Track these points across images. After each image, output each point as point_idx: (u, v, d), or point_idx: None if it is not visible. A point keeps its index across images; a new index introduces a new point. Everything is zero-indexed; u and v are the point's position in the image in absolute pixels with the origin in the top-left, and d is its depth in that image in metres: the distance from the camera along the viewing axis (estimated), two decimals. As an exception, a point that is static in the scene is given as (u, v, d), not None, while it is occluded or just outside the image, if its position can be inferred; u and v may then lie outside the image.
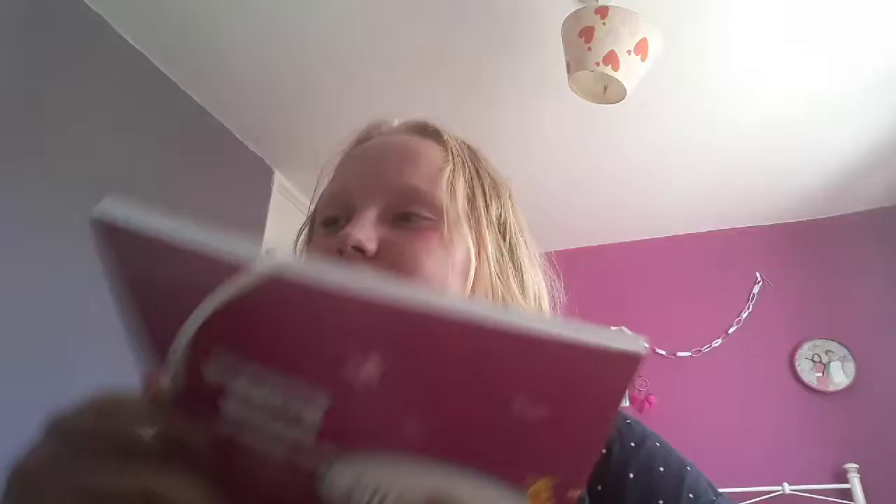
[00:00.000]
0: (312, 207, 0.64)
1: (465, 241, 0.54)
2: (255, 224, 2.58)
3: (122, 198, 0.32)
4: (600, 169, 2.79)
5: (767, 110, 2.40)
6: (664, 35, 1.80)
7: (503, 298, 0.56)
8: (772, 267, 3.19)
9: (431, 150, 0.58)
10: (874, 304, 2.98)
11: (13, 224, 1.64)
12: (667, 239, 3.38)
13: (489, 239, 0.56)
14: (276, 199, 2.74)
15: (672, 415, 3.08)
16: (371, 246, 0.51)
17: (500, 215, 0.60)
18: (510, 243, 0.60)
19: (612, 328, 0.29)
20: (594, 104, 1.95)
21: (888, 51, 2.09)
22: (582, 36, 1.74)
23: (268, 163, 2.71)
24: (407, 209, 0.54)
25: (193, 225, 0.30)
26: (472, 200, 0.57)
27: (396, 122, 0.66)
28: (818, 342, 3.02)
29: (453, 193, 0.55)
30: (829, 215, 3.17)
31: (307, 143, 2.56)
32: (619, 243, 3.45)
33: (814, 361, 3.01)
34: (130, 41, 2.07)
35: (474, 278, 0.54)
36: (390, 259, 0.51)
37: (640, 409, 3.13)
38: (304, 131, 2.51)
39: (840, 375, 2.96)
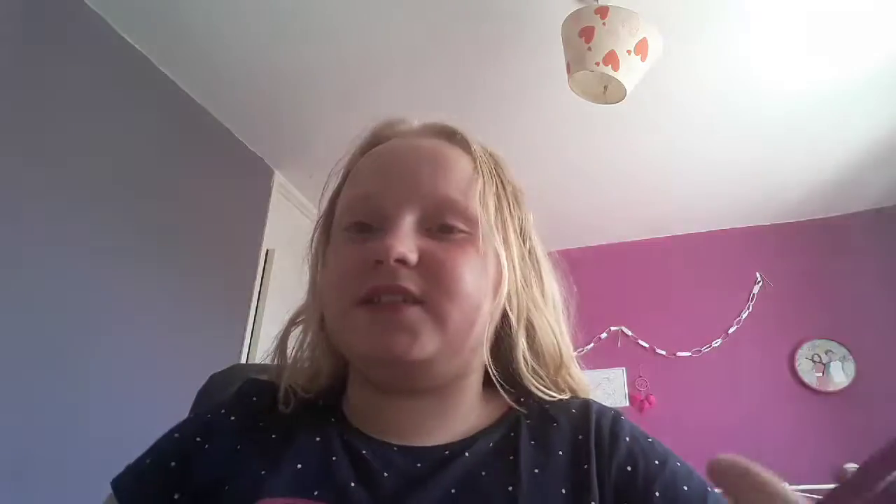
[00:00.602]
0: (324, 206, 0.63)
1: (496, 253, 0.54)
2: (255, 224, 2.58)
3: None
4: (599, 170, 2.79)
5: (767, 110, 2.40)
6: (664, 35, 1.80)
7: (527, 306, 0.58)
8: (772, 267, 3.19)
9: (462, 160, 0.58)
10: (874, 304, 2.98)
11: (13, 224, 1.64)
12: (667, 239, 3.38)
13: (515, 249, 0.57)
14: (276, 199, 2.74)
15: (672, 415, 3.08)
16: (413, 258, 0.50)
17: (522, 224, 0.61)
18: (530, 251, 0.61)
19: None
20: (594, 104, 1.95)
21: (888, 51, 2.09)
22: (582, 36, 1.74)
23: (268, 163, 2.71)
24: (444, 221, 0.53)
25: None
26: (499, 211, 0.58)
27: (417, 123, 0.64)
28: (818, 342, 3.02)
29: (486, 206, 0.55)
30: (829, 215, 3.17)
31: (307, 143, 2.56)
32: (619, 243, 3.45)
33: (814, 361, 3.01)
34: (130, 41, 2.07)
35: (499, 284, 0.55)
36: (432, 271, 0.51)
37: (640, 409, 3.13)
38: (304, 131, 2.51)
39: (840, 375, 2.96)
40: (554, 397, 0.57)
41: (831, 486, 0.29)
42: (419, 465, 0.51)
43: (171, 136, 2.23)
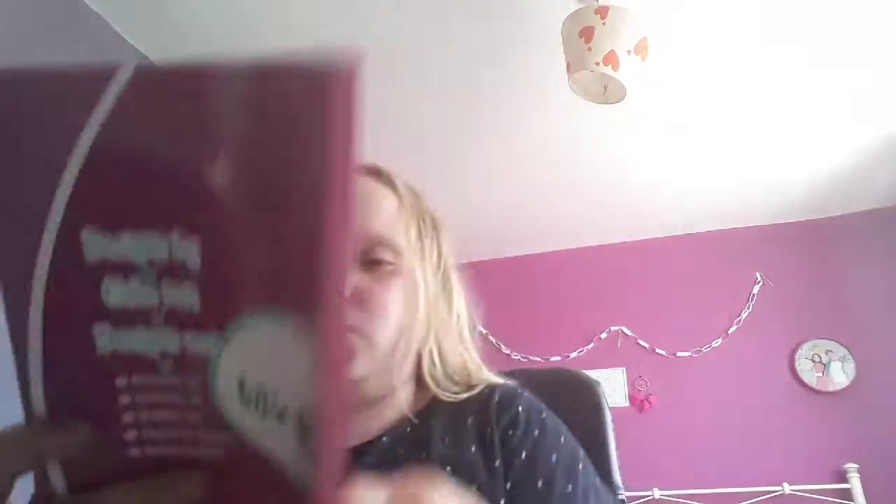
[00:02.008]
0: None
1: (414, 280, 0.64)
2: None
3: None
4: (599, 170, 2.79)
5: (767, 110, 2.40)
6: (664, 35, 1.80)
7: (439, 321, 0.67)
8: (772, 267, 3.19)
9: (388, 198, 0.66)
10: (874, 304, 2.98)
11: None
12: (667, 239, 3.38)
13: (430, 276, 0.67)
14: (276, 199, 2.74)
15: (672, 415, 3.08)
16: (346, 291, 0.56)
17: (439, 251, 0.70)
18: (444, 274, 0.70)
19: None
20: (594, 104, 1.95)
21: (888, 51, 2.09)
22: (582, 36, 1.74)
23: (268, 163, 2.71)
24: (373, 255, 0.62)
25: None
26: (420, 241, 0.67)
27: None
28: (818, 342, 3.03)
29: (408, 238, 0.64)
30: (829, 215, 3.17)
31: (307, 143, 2.55)
32: (619, 243, 3.45)
33: (814, 361, 3.02)
34: (130, 41, 2.07)
35: (422, 307, 0.64)
36: (364, 303, 0.59)
37: (641, 409, 3.14)
38: (304, 131, 2.51)
39: (840, 375, 2.96)
40: (458, 396, 0.65)
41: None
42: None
43: (171, 136, 2.23)
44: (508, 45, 2.08)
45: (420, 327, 0.65)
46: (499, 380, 0.68)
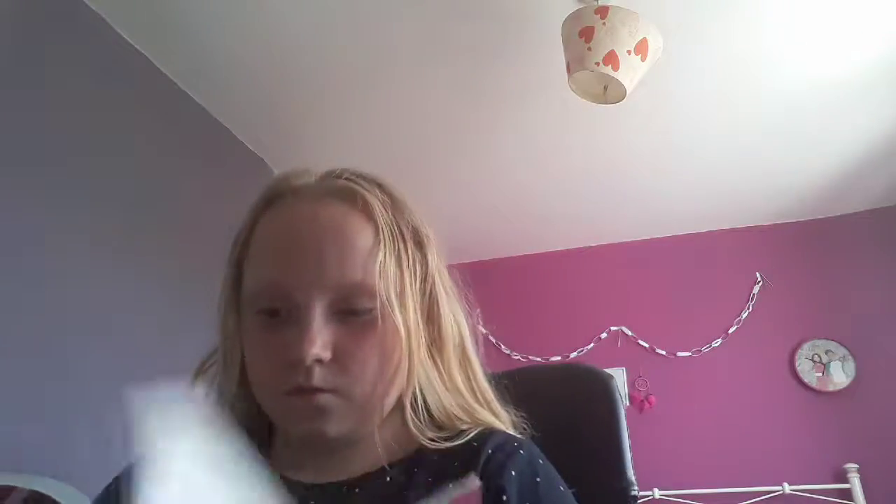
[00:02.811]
0: (235, 261, 0.66)
1: (396, 323, 0.59)
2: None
3: None
4: (599, 169, 2.79)
5: (767, 111, 2.40)
6: (664, 35, 1.80)
7: (422, 356, 0.62)
8: (772, 267, 3.19)
9: (363, 231, 0.60)
10: (874, 304, 2.98)
11: (13, 224, 1.64)
12: (667, 239, 3.38)
13: (411, 306, 0.60)
14: (276, 199, 2.74)
15: (672, 415, 3.08)
16: (328, 355, 0.56)
17: (425, 270, 0.64)
18: (430, 296, 0.64)
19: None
20: (594, 104, 1.95)
21: (888, 50, 2.09)
22: (582, 36, 1.74)
23: (268, 163, 2.71)
24: (351, 306, 0.58)
25: None
26: (400, 276, 0.60)
27: (315, 178, 0.66)
28: (818, 342, 3.03)
29: (386, 278, 0.59)
30: (829, 215, 3.17)
31: (307, 143, 2.56)
32: (619, 243, 3.45)
33: (814, 361, 3.02)
34: (130, 41, 2.07)
35: (402, 351, 0.59)
36: (343, 363, 0.57)
37: (640, 410, 3.14)
38: (305, 131, 2.51)
39: (840, 375, 2.96)
40: (443, 444, 0.60)
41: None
42: (312, 502, 0.59)
43: (171, 136, 2.23)
44: (508, 45, 2.08)
45: (401, 374, 0.60)
46: (493, 421, 0.64)
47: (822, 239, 3.16)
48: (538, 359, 3.30)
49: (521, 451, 0.58)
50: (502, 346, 3.29)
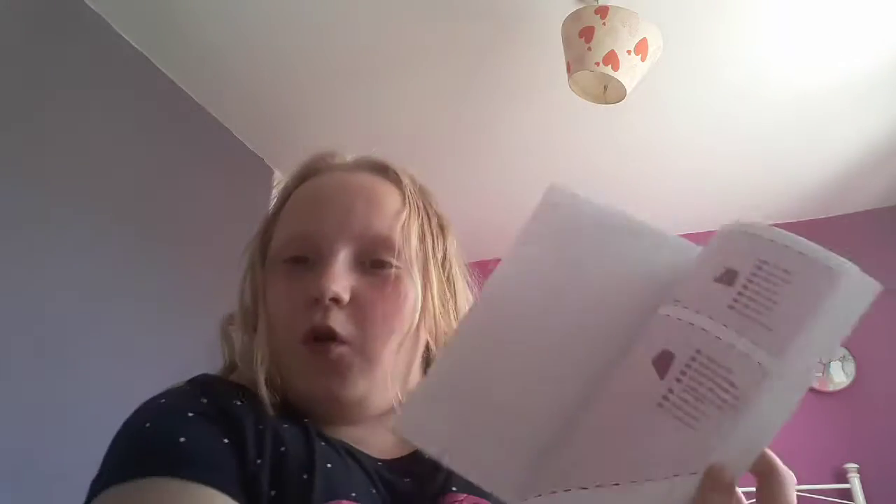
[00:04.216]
0: (263, 228, 0.66)
1: (416, 283, 0.60)
2: (255, 224, 2.57)
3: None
4: (600, 169, 2.79)
5: (766, 111, 2.40)
6: (664, 35, 1.80)
7: (444, 329, 0.63)
8: (772, 267, 3.19)
9: (392, 195, 0.62)
10: (874, 303, 2.98)
11: (13, 224, 1.64)
12: (667, 239, 3.37)
13: (434, 278, 0.62)
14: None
15: (672, 415, 3.08)
16: (346, 297, 0.56)
17: (445, 253, 0.66)
18: (450, 277, 0.66)
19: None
20: (594, 104, 1.95)
21: (887, 50, 2.09)
22: (582, 36, 1.74)
23: (268, 163, 2.71)
24: (376, 256, 0.58)
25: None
26: (423, 242, 0.62)
27: (350, 158, 0.68)
28: (818, 342, 3.02)
29: (409, 239, 0.60)
30: (829, 215, 3.17)
31: (307, 143, 2.54)
32: (619, 243, 3.45)
33: (814, 361, 3.01)
34: (130, 41, 2.07)
35: (420, 315, 0.59)
36: (362, 312, 0.56)
37: (640, 409, 3.13)
38: (304, 131, 2.51)
39: (840, 375, 2.96)
40: None
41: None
42: (407, 479, 0.56)
43: (171, 136, 2.23)
44: (508, 45, 2.08)
45: (423, 337, 0.60)
46: None
47: (822, 239, 3.12)
48: (538, 359, 3.31)
49: None
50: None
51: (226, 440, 0.49)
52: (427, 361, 0.63)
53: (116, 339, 1.87)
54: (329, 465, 0.51)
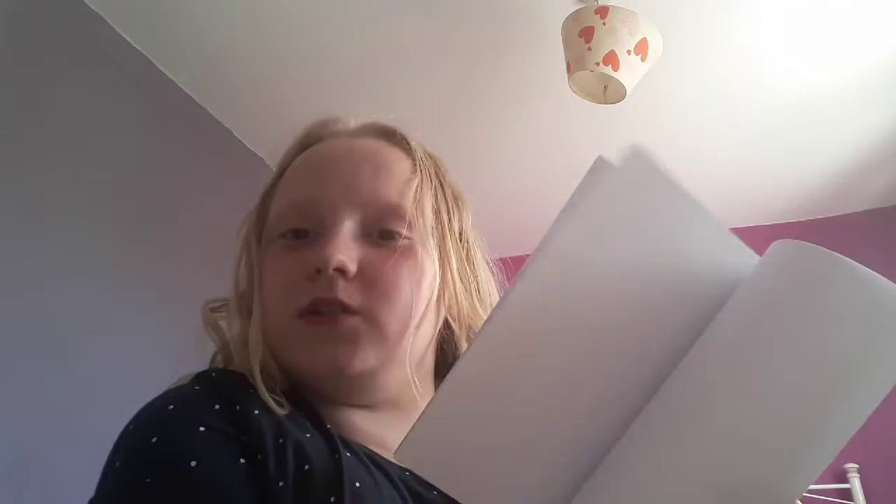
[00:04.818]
0: (260, 203, 0.61)
1: (432, 256, 0.54)
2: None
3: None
4: (600, 169, 2.79)
5: (767, 110, 2.40)
6: (664, 35, 1.80)
7: (465, 308, 0.57)
8: (772, 267, 3.19)
9: (401, 161, 0.57)
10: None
11: (13, 224, 1.64)
12: (667, 239, 3.37)
13: (453, 254, 0.57)
14: (276, 199, 2.74)
15: (672, 415, 3.08)
16: (352, 268, 0.50)
17: (461, 227, 0.60)
18: (469, 254, 0.60)
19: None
20: (594, 104, 1.95)
21: (887, 50, 2.09)
22: (582, 36, 1.74)
23: (268, 163, 2.71)
24: (384, 226, 0.53)
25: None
26: (438, 214, 0.57)
27: (354, 123, 0.64)
28: (818, 342, 3.02)
29: (422, 209, 0.55)
30: (829, 215, 3.17)
31: (307, 143, 2.56)
32: (619, 243, 3.45)
33: (814, 361, 3.01)
34: (130, 41, 2.07)
35: (440, 291, 0.54)
36: (371, 282, 0.51)
37: (640, 409, 3.13)
38: (304, 131, 2.51)
39: (840, 375, 2.95)
40: None
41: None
42: (434, 492, 0.50)
43: (171, 136, 2.23)
44: (508, 45, 2.08)
45: (437, 314, 0.55)
46: None
47: (822, 239, 3.12)
48: (538, 359, 3.30)
49: None
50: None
51: (242, 460, 0.44)
52: (446, 342, 0.58)
53: (116, 338, 1.87)
54: (357, 485, 0.45)
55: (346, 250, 0.50)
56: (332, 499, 0.43)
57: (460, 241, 0.59)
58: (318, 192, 0.54)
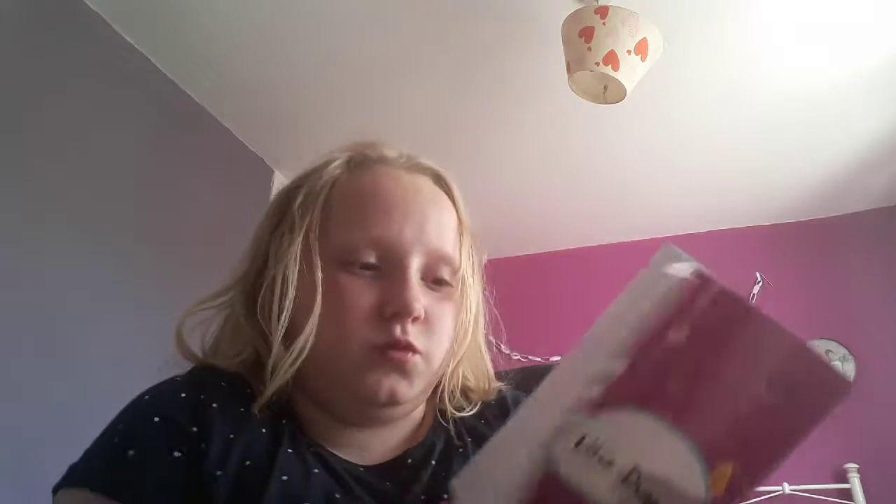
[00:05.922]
0: (311, 224, 0.62)
1: (466, 301, 0.63)
2: (255, 224, 2.58)
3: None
4: (600, 169, 2.79)
5: (767, 110, 2.40)
6: (664, 35, 1.80)
7: (467, 342, 0.65)
8: (772, 267, 3.19)
9: (451, 211, 0.64)
10: (874, 304, 2.98)
11: (13, 223, 1.64)
12: (667, 239, 3.37)
13: (473, 299, 0.65)
14: (276, 199, 2.74)
15: (672, 415, 3.07)
16: (423, 314, 0.57)
17: (482, 270, 0.69)
18: (483, 294, 0.69)
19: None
20: (594, 104, 1.95)
21: (888, 50, 2.09)
22: (582, 36, 1.74)
23: (268, 163, 2.71)
24: (437, 274, 0.60)
25: None
26: (471, 260, 0.65)
27: (404, 157, 0.67)
28: (818, 342, 3.02)
29: (462, 260, 0.62)
30: (829, 215, 3.17)
31: (307, 143, 2.55)
32: (620, 243, 3.45)
33: (814, 361, 3.01)
34: (130, 41, 2.07)
35: (462, 332, 0.63)
36: (430, 326, 0.58)
37: (640, 409, 3.13)
38: (305, 131, 2.51)
39: (840, 375, 2.95)
40: (468, 412, 0.65)
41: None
42: (388, 483, 0.57)
43: (171, 136, 2.23)
44: (508, 45, 2.08)
45: (458, 348, 0.64)
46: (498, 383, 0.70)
47: (822, 239, 3.16)
48: (538, 359, 3.30)
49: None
50: (502, 346, 3.28)
51: (178, 453, 0.50)
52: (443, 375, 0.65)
53: (117, 340, 1.87)
54: (285, 478, 0.52)
55: (420, 298, 0.57)
56: (260, 490, 0.50)
57: (481, 282, 0.69)
58: (395, 233, 0.59)
